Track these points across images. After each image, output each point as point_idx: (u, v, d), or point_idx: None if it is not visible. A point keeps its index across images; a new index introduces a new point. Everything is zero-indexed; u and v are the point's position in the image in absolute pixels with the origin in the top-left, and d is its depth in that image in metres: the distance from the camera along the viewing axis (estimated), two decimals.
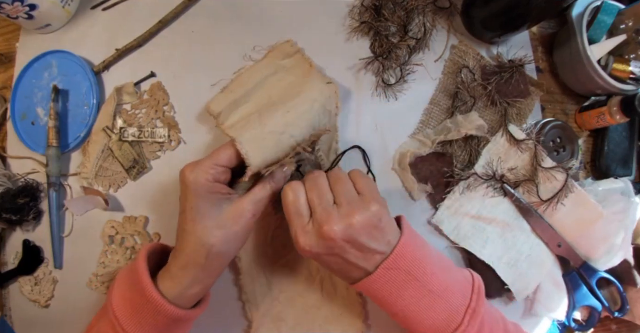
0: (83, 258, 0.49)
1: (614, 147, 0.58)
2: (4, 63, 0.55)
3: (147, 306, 0.36)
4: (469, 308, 0.38)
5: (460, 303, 0.38)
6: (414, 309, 0.37)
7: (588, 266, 0.51)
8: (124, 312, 0.36)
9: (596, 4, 0.56)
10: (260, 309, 0.46)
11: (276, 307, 0.46)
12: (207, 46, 0.53)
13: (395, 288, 0.37)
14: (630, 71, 0.55)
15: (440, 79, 0.55)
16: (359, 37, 0.55)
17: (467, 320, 0.37)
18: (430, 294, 0.37)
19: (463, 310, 0.37)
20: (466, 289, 0.39)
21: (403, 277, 0.37)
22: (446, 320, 0.37)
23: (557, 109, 0.60)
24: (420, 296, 0.37)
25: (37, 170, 0.51)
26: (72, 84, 0.52)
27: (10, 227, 0.50)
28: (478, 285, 0.40)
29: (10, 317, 0.49)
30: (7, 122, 0.53)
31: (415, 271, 0.37)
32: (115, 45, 0.52)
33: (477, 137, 0.52)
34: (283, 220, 0.47)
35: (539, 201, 0.51)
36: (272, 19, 0.54)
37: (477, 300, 0.39)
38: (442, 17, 0.57)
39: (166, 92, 0.52)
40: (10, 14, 0.48)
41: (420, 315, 0.37)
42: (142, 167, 0.49)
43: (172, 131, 0.51)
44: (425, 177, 0.52)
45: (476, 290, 0.39)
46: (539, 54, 0.61)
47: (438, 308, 0.37)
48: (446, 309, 0.37)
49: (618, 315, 0.52)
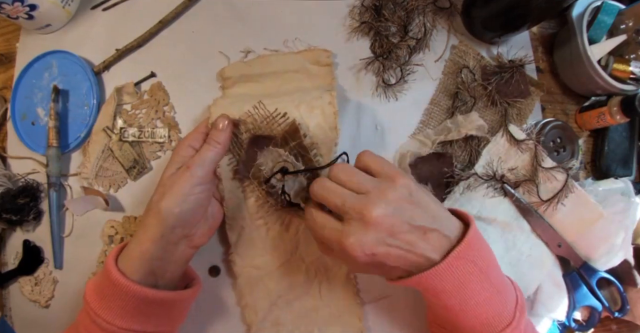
0: (83, 258, 0.49)
1: (614, 147, 0.58)
2: (4, 63, 0.55)
3: (110, 286, 0.36)
4: (517, 305, 0.37)
5: (512, 299, 0.38)
6: (474, 302, 0.36)
7: (588, 266, 0.51)
8: (94, 297, 0.37)
9: (596, 4, 0.56)
10: (258, 314, 0.46)
11: (274, 311, 0.46)
12: (207, 46, 0.53)
13: (460, 279, 0.35)
14: (630, 71, 0.55)
15: (440, 79, 0.55)
16: (359, 37, 0.55)
17: (518, 316, 0.37)
18: (491, 288, 0.36)
19: (513, 306, 0.37)
20: (511, 285, 0.39)
21: (470, 267, 0.35)
22: (499, 315, 0.36)
23: (557, 109, 0.60)
24: (481, 289, 0.36)
25: (37, 170, 0.51)
26: (72, 84, 0.52)
27: (10, 227, 0.49)
28: (515, 282, 0.40)
29: (10, 317, 0.49)
30: (7, 122, 0.53)
31: (480, 262, 0.36)
32: (115, 45, 0.52)
33: (477, 137, 0.52)
34: (281, 225, 0.47)
35: (539, 201, 0.51)
36: (272, 19, 0.54)
37: (521, 296, 0.39)
38: (442, 17, 0.57)
39: (166, 92, 0.52)
40: (10, 14, 0.48)
41: (478, 309, 0.36)
42: (142, 167, 0.49)
43: (172, 131, 0.51)
44: (425, 177, 0.52)
45: (517, 287, 0.40)
46: (539, 54, 0.61)
47: (495, 303, 0.36)
48: (502, 304, 0.37)
49: (618, 315, 0.52)
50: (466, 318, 0.36)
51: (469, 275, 0.35)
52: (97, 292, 0.37)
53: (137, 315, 0.37)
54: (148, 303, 0.37)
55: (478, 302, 0.36)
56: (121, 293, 0.36)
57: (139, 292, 0.36)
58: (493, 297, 0.36)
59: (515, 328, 0.36)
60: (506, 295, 0.38)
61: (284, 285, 0.47)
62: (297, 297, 0.47)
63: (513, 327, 0.36)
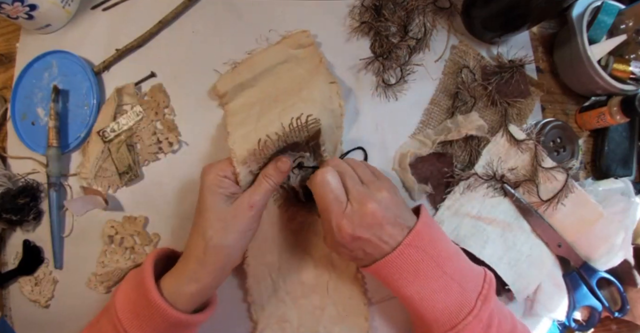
0: (83, 258, 0.49)
1: (614, 147, 0.58)
2: (4, 63, 0.55)
3: (148, 308, 0.36)
4: (480, 295, 0.38)
5: (473, 289, 0.38)
6: (428, 291, 0.37)
7: (588, 266, 0.51)
8: (126, 313, 0.36)
9: (596, 4, 0.56)
10: (265, 310, 0.46)
11: (281, 308, 0.46)
12: (207, 46, 0.53)
13: (411, 267, 0.37)
14: (630, 71, 0.55)
15: (440, 79, 0.55)
16: (359, 37, 0.55)
17: (479, 305, 0.37)
18: (444, 275, 0.38)
19: (475, 296, 0.38)
20: (478, 278, 0.40)
21: (420, 255, 0.37)
22: (458, 304, 0.37)
23: (557, 109, 0.60)
24: (435, 276, 0.37)
25: (37, 170, 0.51)
26: (72, 84, 0.51)
27: (10, 227, 0.50)
28: (490, 276, 0.41)
29: (10, 317, 0.49)
30: (7, 122, 0.53)
31: (431, 251, 0.38)
32: (115, 45, 0.52)
33: (477, 137, 0.52)
34: (291, 222, 0.48)
35: (539, 201, 0.51)
36: (272, 19, 0.54)
37: (489, 288, 0.39)
38: (442, 17, 0.57)
39: (167, 93, 0.52)
40: (10, 14, 0.48)
41: (434, 297, 0.37)
42: (134, 174, 0.49)
43: (172, 133, 0.50)
44: (425, 177, 0.52)
45: (487, 280, 0.40)
46: (539, 54, 0.61)
47: (451, 291, 0.37)
48: (459, 293, 0.37)
49: (618, 315, 0.52)
50: (425, 309, 0.38)
51: (419, 263, 0.37)
52: (131, 308, 0.37)
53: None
54: (177, 326, 0.37)
55: (434, 290, 0.37)
56: (154, 314, 0.36)
57: (173, 316, 0.36)
58: (448, 286, 0.37)
59: (476, 316, 0.36)
60: (465, 285, 0.38)
61: (292, 282, 0.47)
62: (305, 295, 0.47)
63: (474, 315, 0.36)
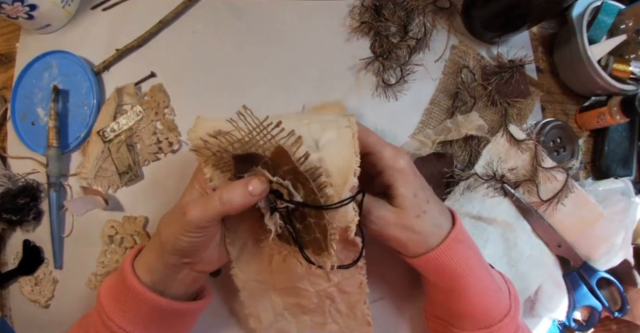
0: (83, 258, 0.49)
1: (614, 147, 0.58)
2: (4, 63, 0.55)
3: (126, 292, 0.36)
4: (511, 295, 0.38)
5: (505, 289, 0.39)
6: (475, 288, 0.37)
7: (588, 266, 0.51)
8: (109, 300, 0.37)
9: (596, 4, 0.56)
10: (263, 322, 0.44)
11: (280, 321, 0.45)
12: (207, 46, 0.53)
13: (464, 260, 0.37)
14: (630, 71, 0.55)
15: (440, 79, 0.55)
16: (359, 37, 0.55)
17: (514, 306, 0.37)
18: (488, 274, 0.38)
19: (508, 296, 0.38)
20: (500, 279, 0.40)
21: (469, 251, 0.38)
22: (498, 303, 0.37)
23: (557, 109, 0.60)
24: (482, 274, 0.37)
25: (37, 170, 0.51)
26: (72, 84, 0.51)
27: (10, 227, 0.50)
28: (507, 277, 0.41)
29: (10, 317, 0.49)
30: (7, 122, 0.53)
31: (475, 248, 0.38)
32: (115, 45, 0.52)
33: (477, 137, 0.52)
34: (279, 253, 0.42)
35: (539, 201, 0.51)
36: (272, 19, 0.54)
37: (513, 288, 0.39)
38: (442, 17, 0.57)
39: (166, 93, 0.52)
40: (10, 14, 0.48)
41: (479, 295, 0.37)
42: (134, 174, 0.49)
43: (172, 133, 0.50)
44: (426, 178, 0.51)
45: (508, 280, 0.40)
46: (539, 54, 0.61)
47: (493, 290, 0.38)
48: (498, 292, 0.38)
49: (618, 315, 0.52)
50: (467, 304, 0.37)
51: (470, 259, 0.37)
52: (112, 294, 0.37)
53: (148, 323, 0.37)
54: (160, 312, 0.37)
55: (479, 288, 0.37)
56: (136, 299, 0.36)
57: (153, 300, 0.36)
58: (491, 285, 0.37)
59: (513, 317, 0.36)
60: (501, 284, 0.38)
61: (290, 304, 0.44)
62: (305, 312, 0.45)
63: (511, 316, 0.36)
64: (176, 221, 0.35)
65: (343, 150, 0.34)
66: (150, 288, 0.36)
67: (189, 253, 0.36)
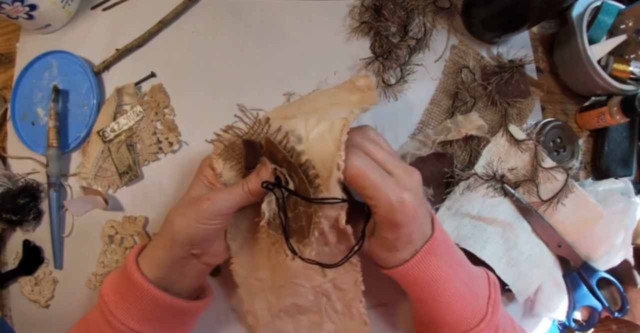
0: (83, 258, 0.49)
1: (614, 147, 0.58)
2: (4, 63, 0.55)
3: (132, 288, 0.36)
4: (489, 299, 0.38)
5: (483, 295, 0.38)
6: (446, 296, 0.37)
7: (588, 266, 0.51)
8: (112, 297, 0.37)
9: (596, 4, 0.56)
10: (260, 321, 0.45)
11: (276, 321, 0.45)
12: (207, 46, 0.53)
13: (431, 273, 0.37)
14: (630, 71, 0.55)
15: (440, 79, 0.55)
16: (359, 37, 0.55)
17: (490, 311, 0.37)
18: (460, 282, 0.38)
19: (485, 301, 0.38)
20: (483, 281, 0.40)
21: (439, 262, 0.37)
22: (472, 310, 0.37)
23: (557, 109, 0.60)
24: (451, 283, 0.37)
25: (37, 170, 0.51)
26: (72, 84, 0.52)
27: (10, 227, 0.50)
28: (493, 278, 0.41)
29: (10, 317, 0.49)
30: (7, 122, 0.53)
31: (447, 257, 0.38)
32: (115, 45, 0.52)
33: (477, 137, 0.52)
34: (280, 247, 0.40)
35: (539, 201, 0.51)
36: (272, 19, 0.54)
37: (496, 292, 0.39)
38: (442, 17, 0.57)
39: (166, 94, 0.52)
40: (10, 14, 0.48)
41: (451, 303, 0.37)
42: (134, 174, 0.49)
43: (172, 133, 0.50)
44: (426, 178, 0.52)
45: (492, 283, 0.40)
46: (539, 54, 0.61)
47: (466, 297, 0.37)
48: (472, 299, 0.38)
49: (618, 315, 0.52)
50: (440, 313, 0.38)
51: (441, 269, 0.37)
52: (115, 291, 0.37)
53: (152, 320, 0.37)
54: (164, 309, 0.37)
55: (450, 296, 0.37)
56: (141, 296, 0.36)
57: (158, 296, 0.36)
58: (463, 292, 0.37)
59: (490, 321, 0.37)
60: (477, 290, 0.38)
61: (286, 305, 0.44)
62: (301, 313, 0.45)
63: (487, 321, 0.36)
64: (192, 210, 0.36)
65: (328, 144, 0.34)
66: (156, 284, 0.36)
67: (200, 242, 0.37)
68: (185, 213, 0.37)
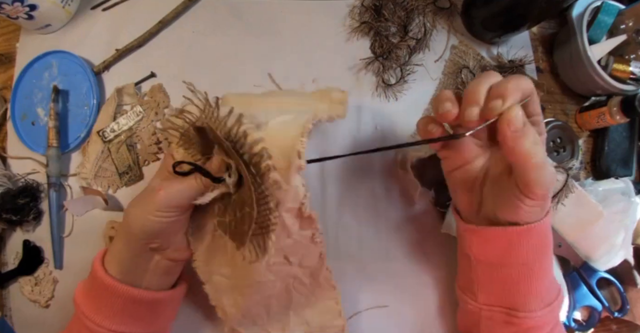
0: (83, 258, 0.49)
1: (614, 147, 0.58)
2: (4, 63, 0.55)
3: (98, 287, 0.36)
4: None
5: None
6: (548, 263, 0.38)
7: (588, 266, 0.51)
8: (83, 300, 0.37)
9: (596, 4, 0.56)
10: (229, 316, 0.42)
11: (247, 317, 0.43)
12: (207, 46, 0.53)
13: (549, 237, 0.38)
14: (630, 71, 0.55)
15: (440, 79, 0.55)
16: (359, 37, 0.55)
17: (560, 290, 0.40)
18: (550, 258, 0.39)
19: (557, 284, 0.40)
20: None
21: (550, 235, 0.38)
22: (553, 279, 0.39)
23: (557, 109, 0.60)
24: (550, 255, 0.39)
25: (37, 170, 0.51)
26: (72, 84, 0.51)
27: (10, 227, 0.49)
28: None
29: (10, 317, 0.49)
30: (7, 122, 0.53)
31: None
32: (115, 45, 0.52)
33: None
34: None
35: None
36: (272, 19, 0.54)
37: None
38: (442, 17, 0.57)
39: (166, 94, 0.52)
40: (10, 14, 0.48)
41: (547, 269, 0.38)
42: (134, 174, 0.49)
43: None
44: (429, 180, 0.51)
45: None
46: (539, 54, 0.61)
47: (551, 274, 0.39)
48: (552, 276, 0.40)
49: (618, 315, 0.52)
50: (538, 281, 0.37)
51: (550, 236, 0.38)
52: (86, 293, 0.37)
53: (125, 316, 0.36)
54: (134, 304, 0.36)
55: (548, 264, 0.38)
56: (107, 293, 0.35)
57: (125, 292, 0.35)
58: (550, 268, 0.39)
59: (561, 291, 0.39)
60: None
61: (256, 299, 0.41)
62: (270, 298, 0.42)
63: (560, 300, 0.38)
64: (146, 202, 0.35)
65: (290, 131, 0.33)
66: (120, 280, 0.36)
67: (156, 235, 0.36)
68: (140, 205, 0.35)
